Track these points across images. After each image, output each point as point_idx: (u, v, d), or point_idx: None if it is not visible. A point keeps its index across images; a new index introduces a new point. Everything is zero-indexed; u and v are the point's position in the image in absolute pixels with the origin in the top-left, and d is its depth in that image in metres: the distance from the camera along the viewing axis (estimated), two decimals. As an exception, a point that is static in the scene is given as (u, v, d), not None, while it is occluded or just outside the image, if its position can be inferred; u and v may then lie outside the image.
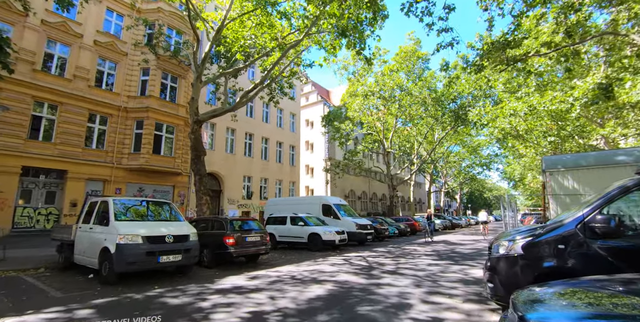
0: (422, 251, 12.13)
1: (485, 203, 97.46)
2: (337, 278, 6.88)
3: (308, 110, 37.00)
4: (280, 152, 28.02)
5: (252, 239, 8.38)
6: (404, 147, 33.16)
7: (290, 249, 13.21)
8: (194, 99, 12.56)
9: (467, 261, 9.75)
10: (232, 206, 22.77)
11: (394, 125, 29.16)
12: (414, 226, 23.35)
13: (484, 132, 23.88)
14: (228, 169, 22.75)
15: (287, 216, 13.43)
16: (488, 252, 4.82)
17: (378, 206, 41.48)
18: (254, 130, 25.31)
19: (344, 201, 16.31)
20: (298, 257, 10.65)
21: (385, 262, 9.23)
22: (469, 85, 25.88)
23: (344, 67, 27.97)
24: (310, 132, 36.40)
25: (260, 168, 25.48)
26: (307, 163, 35.64)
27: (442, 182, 52.26)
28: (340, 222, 14.31)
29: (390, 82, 25.26)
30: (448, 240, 17.83)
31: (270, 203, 17.49)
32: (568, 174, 8.27)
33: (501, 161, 49.47)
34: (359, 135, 32.80)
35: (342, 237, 12.58)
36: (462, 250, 12.74)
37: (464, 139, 40.17)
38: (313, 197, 17.61)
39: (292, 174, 29.05)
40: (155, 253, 6.15)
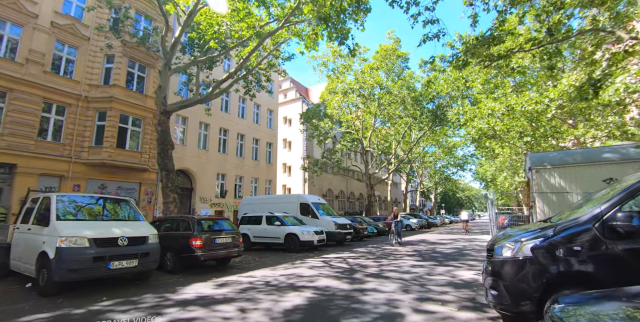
0: (404, 251, 11.69)
1: (457, 203, 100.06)
2: (317, 283, 6.21)
3: (286, 107, 36.16)
4: (256, 149, 27.04)
5: (223, 241, 7.56)
6: (382, 146, 32.99)
7: (265, 250, 12.42)
8: (161, 87, 11.53)
9: (451, 261, 9.35)
10: (204, 204, 21.63)
11: (373, 124, 28.87)
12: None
13: (461, 132, 23.96)
14: (200, 166, 21.59)
15: (263, 215, 12.64)
16: (487, 254, 4.30)
17: (355, 205, 41.22)
18: (229, 126, 24.22)
19: (322, 200, 15.69)
20: (274, 259, 9.91)
21: (367, 264, 8.66)
22: (447, 85, 25.96)
23: (323, 63, 27.40)
24: (288, 130, 35.56)
25: (235, 165, 24.42)
26: (285, 161, 34.78)
27: (417, 182, 52.77)
28: (319, 222, 13.67)
29: (370, 80, 24.89)
30: (427, 239, 17.60)
31: (244, 202, 16.60)
32: (555, 171, 8.03)
33: (474, 161, 50.62)
34: (338, 133, 32.33)
35: (321, 237, 11.95)
36: (443, 249, 12.41)
37: (440, 140, 40.69)
38: (290, 196, 16.90)
39: (269, 172, 28.13)
40: (105, 258, 5.25)
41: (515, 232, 4.27)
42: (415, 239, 17.65)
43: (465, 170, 49.81)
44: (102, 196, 7.43)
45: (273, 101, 29.77)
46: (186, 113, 20.99)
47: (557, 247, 3.44)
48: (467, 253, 11.28)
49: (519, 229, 4.39)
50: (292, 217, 13.00)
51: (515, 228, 4.77)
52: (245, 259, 9.96)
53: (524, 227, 4.53)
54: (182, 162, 20.44)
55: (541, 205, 7.95)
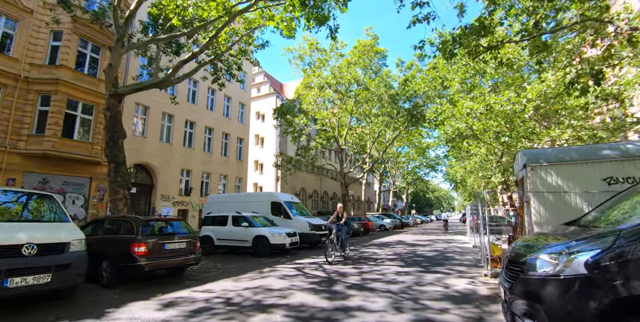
0: (383, 255, 10.77)
1: (427, 203, 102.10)
2: (289, 300, 5.06)
3: (259, 102, 34.60)
4: (226, 144, 25.40)
5: (175, 247, 6.23)
6: (358, 145, 32.25)
7: (231, 254, 11.09)
8: (111, 66, 9.91)
9: (437, 266, 8.50)
10: (166, 203, 19.83)
11: (348, 123, 28.01)
12: (367, 225, 22.30)
13: (435, 133, 23.58)
14: (163, 161, 19.76)
15: (229, 215, 11.30)
16: (513, 267, 3.34)
17: (329, 204, 40.31)
18: (196, 118, 22.47)
19: (296, 199, 14.52)
20: (239, 266, 8.64)
21: (347, 272, 7.60)
22: (425, 84, 25.58)
23: (299, 56, 26.16)
24: (260, 126, 34.03)
25: (202, 161, 22.71)
26: (257, 158, 33.24)
27: (390, 183, 52.77)
28: (292, 222, 12.50)
29: (348, 75, 23.97)
30: (404, 240, 16.88)
31: (210, 200, 15.11)
32: (551, 169, 7.37)
33: (445, 163, 51.32)
34: (313, 131, 31.25)
35: (294, 239, 10.79)
36: (424, 252, 11.63)
37: (414, 141, 40.66)
38: (261, 194, 15.58)
39: (239, 169, 26.57)
40: (0, 273, 3.82)
41: (546, 241, 3.34)
42: (392, 240, 16.89)
43: (437, 171, 50.28)
44: (18, 190, 5.87)
45: (245, 94, 28.21)
46: (148, 102, 19.13)
47: (627, 261, 2.51)
48: (450, 257, 10.53)
49: (548, 237, 3.47)
50: (262, 218, 11.75)
51: (536, 236, 3.82)
52: (206, 266, 8.62)
53: (553, 235, 3.62)
54: (141, 156, 18.58)
55: (537, 205, 7.28)
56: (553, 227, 4.46)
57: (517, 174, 9.05)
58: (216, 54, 13.62)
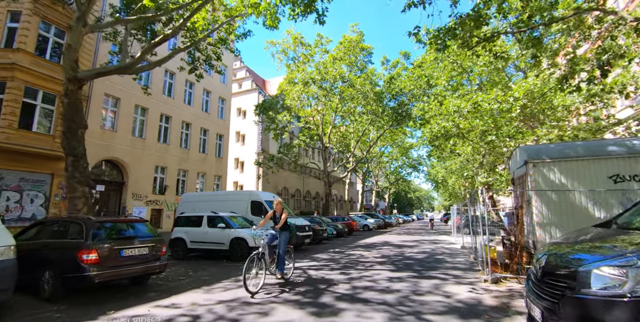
0: (371, 258, 10.08)
1: (408, 203, 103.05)
2: (271, 318, 4.25)
3: (241, 98, 33.45)
4: (204, 140, 24.20)
5: (134, 253, 5.30)
6: (342, 144, 31.61)
7: (206, 258, 10.13)
8: (71, 47, 8.78)
9: (430, 270, 7.87)
10: (138, 201, 18.53)
11: (333, 120, 27.32)
12: (351, 225, 21.67)
13: (418, 133, 23.19)
14: (135, 156, 18.45)
15: (204, 216, 10.33)
16: (544, 278, 2.66)
17: (312, 204, 39.57)
18: (172, 112, 21.20)
19: (278, 198, 13.63)
20: (214, 272, 7.73)
21: (335, 278, 6.85)
22: (410, 82, 25.21)
23: (283, 51, 25.27)
24: (242, 123, 32.89)
25: (178, 158, 21.46)
26: (237, 156, 32.08)
27: (373, 182, 52.57)
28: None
29: (333, 71, 23.25)
30: (390, 241, 16.30)
31: (184, 199, 14.03)
32: (554, 165, 6.88)
33: (426, 163, 51.60)
34: (296, 129, 30.41)
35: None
36: (413, 254, 11.03)
37: (397, 140, 40.50)
38: (240, 192, 14.59)
39: (219, 166, 25.40)
40: None
41: (592, 248, 2.68)
42: (377, 241, 16.28)
43: (419, 171, 50.43)
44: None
45: (226, 89, 27.05)
46: (118, 93, 17.80)
47: None
48: (441, 259, 9.95)
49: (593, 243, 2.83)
50: (240, 218, 10.83)
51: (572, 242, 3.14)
52: (175, 273, 7.67)
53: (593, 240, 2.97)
54: (111, 151, 17.25)
55: (539, 205, 6.76)
56: (578, 230, 3.83)
57: (515, 171, 8.55)
58: (193, 41, 12.59)
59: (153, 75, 20.11)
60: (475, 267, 8.56)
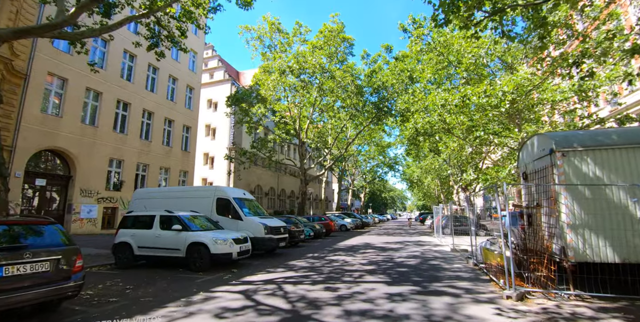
0: (357, 265, 8.60)
1: (383, 203, 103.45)
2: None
3: (212, 89, 31.16)
4: (169, 132, 21.93)
5: (24, 271, 3.47)
6: (319, 140, 30.08)
7: (157, 268, 8.27)
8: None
9: (432, 282, 6.48)
10: (88, 198, 16.16)
11: (311, 115, 25.73)
12: (329, 225, 20.20)
13: (406, 125, 22.00)
14: (85, 147, 16.06)
15: (156, 215, 8.46)
16: None
17: (286, 203, 37.84)
18: (131, 99, 18.85)
19: (249, 195, 11.90)
20: (159, 290, 5.95)
21: (319, 297, 5.28)
22: (392, 76, 24.10)
23: (259, 37, 23.38)
24: (212, 115, 30.63)
25: (137, 150, 19.14)
26: (207, 151, 29.82)
27: (349, 181, 51.56)
28: (243, 225, 9.92)
29: (313, 60, 21.64)
30: (372, 243, 14.93)
31: (137, 195, 11.97)
32: (587, 155, 5.69)
33: (402, 163, 51.27)
34: (271, 123, 28.57)
35: (244, 247, 8.24)
36: (402, 259, 9.67)
37: (375, 139, 39.60)
38: (204, 188, 12.61)
39: (185, 161, 23.18)
40: None
41: None
42: (359, 243, 14.88)
43: (396, 170, 49.93)
44: None
45: (195, 77, 24.83)
46: (66, 73, 15.39)
47: None
48: (437, 265, 8.62)
49: None
50: (203, 218, 9.04)
51: None
52: (108, 290, 5.83)
53: None
54: (54, 140, 14.85)
55: (570, 202, 5.55)
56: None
57: (528, 164, 7.33)
58: (150, 8, 10.60)
59: (109, 56, 17.75)
60: (482, 276, 7.28)
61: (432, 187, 52.74)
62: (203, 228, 8.45)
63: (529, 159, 7.19)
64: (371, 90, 24.83)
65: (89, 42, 15.90)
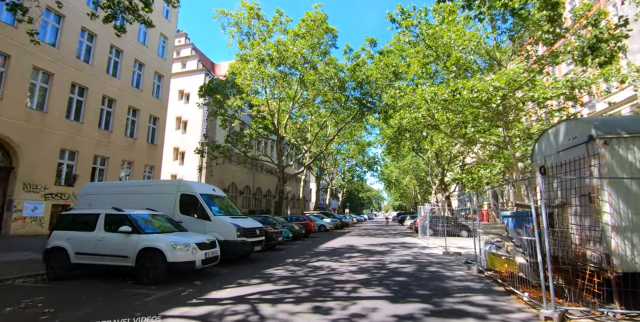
0: (347, 273, 7.33)
1: (360, 203, 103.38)
2: None
3: (184, 80, 29.07)
4: (133, 122, 19.86)
5: None
6: (299, 136, 28.66)
7: (97, 279, 6.65)
8: None
9: (444, 297, 5.30)
10: (32, 194, 14.03)
11: (290, 109, 24.29)
12: (309, 226, 18.87)
13: (383, 125, 20.91)
14: (30, 134, 13.92)
15: (100, 214, 6.84)
16: None
17: (262, 202, 36.17)
18: (89, 83, 16.74)
19: (220, 191, 10.36)
20: (87, 316, 4.41)
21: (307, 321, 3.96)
22: (377, 71, 23.10)
23: (236, 24, 21.69)
24: (184, 107, 28.55)
25: (95, 141, 17.04)
26: (177, 145, 27.72)
27: (328, 181, 50.49)
28: (211, 225, 8.41)
29: (294, 49, 20.20)
30: (355, 245, 13.74)
31: (86, 190, 10.15)
32: (635, 143, 4.71)
33: (380, 163, 50.82)
34: (246, 118, 26.91)
35: (211, 253, 6.76)
36: (395, 265, 8.50)
37: (356, 137, 38.71)
38: (166, 183, 10.71)
39: (152, 155, 21.15)
40: None
41: None
42: (341, 245, 13.64)
43: (375, 170, 49.32)
44: None
45: (164, 64, 22.80)
46: (7, 48, 13.23)
47: None
48: (438, 273, 7.49)
49: None
50: (162, 218, 7.48)
51: None
52: (17, 316, 4.25)
53: None
54: (-12, 125, 12.67)
55: (615, 200, 4.54)
56: None
57: (546, 157, 6.32)
58: (105, -32, 8.87)
59: (63, 33, 15.62)
60: (494, 286, 6.20)
61: (410, 187, 52.59)
62: (161, 230, 6.91)
63: (551, 150, 6.17)
64: (354, 84, 23.72)
65: (36, 12, 13.76)
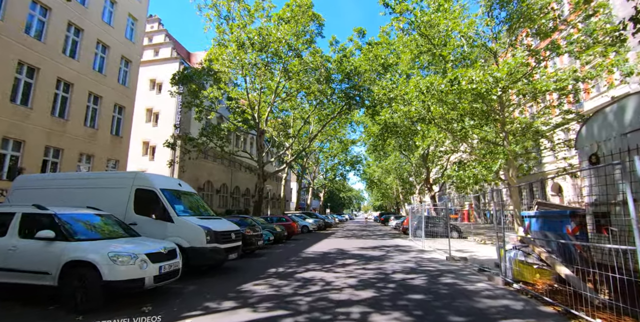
0: (347, 289, 5.80)
1: (341, 203, 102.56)
2: None
3: (156, 68, 26.80)
4: (95, 110, 17.60)
5: None
6: (281, 129, 26.92)
7: (9, 302, 4.81)
8: None
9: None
10: (-39, 191, 11.71)
11: (272, 100, 22.57)
12: (292, 227, 17.25)
13: (368, 123, 19.50)
14: (-43, 120, 11.63)
15: (15, 213, 5.02)
16: None
17: (241, 202, 34.18)
18: (40, 63, 14.47)
19: (188, 187, 8.58)
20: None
21: None
22: (366, 62, 21.78)
23: (214, 5, 19.78)
24: (156, 98, 26.26)
25: (46, 129, 14.77)
26: (147, 139, 25.43)
27: (309, 180, 48.96)
28: (174, 228, 6.68)
29: (278, 34, 18.50)
30: (346, 249, 12.25)
31: (19, 183, 8.10)
32: None
33: (363, 163, 49.86)
34: (224, 111, 24.99)
35: (168, 266, 5.04)
36: (402, 276, 7.06)
37: (340, 134, 37.48)
38: (118, 175, 8.48)
39: (116, 148, 18.91)
40: None
41: None
42: (331, 250, 12.12)
43: (357, 169, 48.17)
44: None
45: (133, 49, 20.57)
46: None
47: None
48: (456, 286, 6.09)
49: None
50: (107, 220, 5.71)
51: None
52: None
53: None
54: None
55: None
56: None
57: (602, 142, 5.03)
58: None
59: (9, 4, 13.33)
60: (538, 306, 4.82)
61: (393, 187, 51.76)
62: (102, 236, 5.16)
63: (610, 133, 4.88)
64: (341, 76, 22.27)
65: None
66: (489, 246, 14.35)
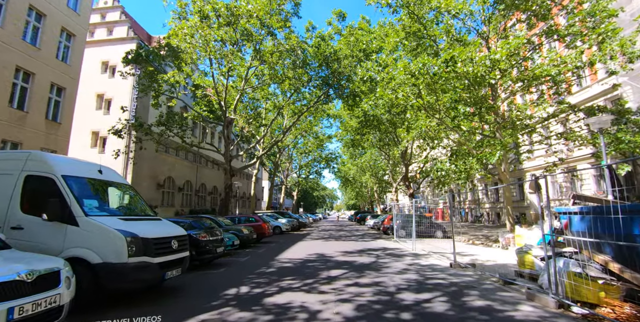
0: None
1: (314, 202, 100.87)
2: None
3: (109, 49, 23.58)
4: (23, 89, 14.52)
5: None
6: (251, 118, 24.45)
7: None
8: None
9: None
10: None
11: (242, 87, 20.20)
12: (262, 228, 15.00)
13: (366, 102, 17.53)
14: None
15: None
16: None
17: (207, 201, 31.38)
18: (-61, 23, 11.38)
19: (116, 176, 6.23)
20: None
21: None
22: (346, 47, 19.94)
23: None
24: (108, 83, 23.07)
25: (-50, 109, 11.69)
26: (97, 129, 22.22)
27: (282, 178, 46.65)
28: (78, 235, 4.37)
29: (249, 6, 16.15)
30: (328, 255, 10.25)
31: None
32: None
33: (337, 160, 48.26)
34: (188, 99, 22.33)
35: (34, 305, 2.81)
36: (410, 296, 5.16)
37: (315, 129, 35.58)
38: (1, 156, 5.87)
39: (53, 136, 15.85)
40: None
41: None
42: (310, 256, 10.06)
43: (332, 167, 46.28)
44: None
45: (78, 21, 17.50)
46: None
47: None
48: (495, 314, 4.25)
49: None
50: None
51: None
52: None
53: None
54: None
55: None
56: None
57: None
58: None
59: None
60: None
61: (368, 184, 50.45)
62: None
63: None
64: (319, 62, 20.24)
65: None
66: (480, 247, 12.86)
